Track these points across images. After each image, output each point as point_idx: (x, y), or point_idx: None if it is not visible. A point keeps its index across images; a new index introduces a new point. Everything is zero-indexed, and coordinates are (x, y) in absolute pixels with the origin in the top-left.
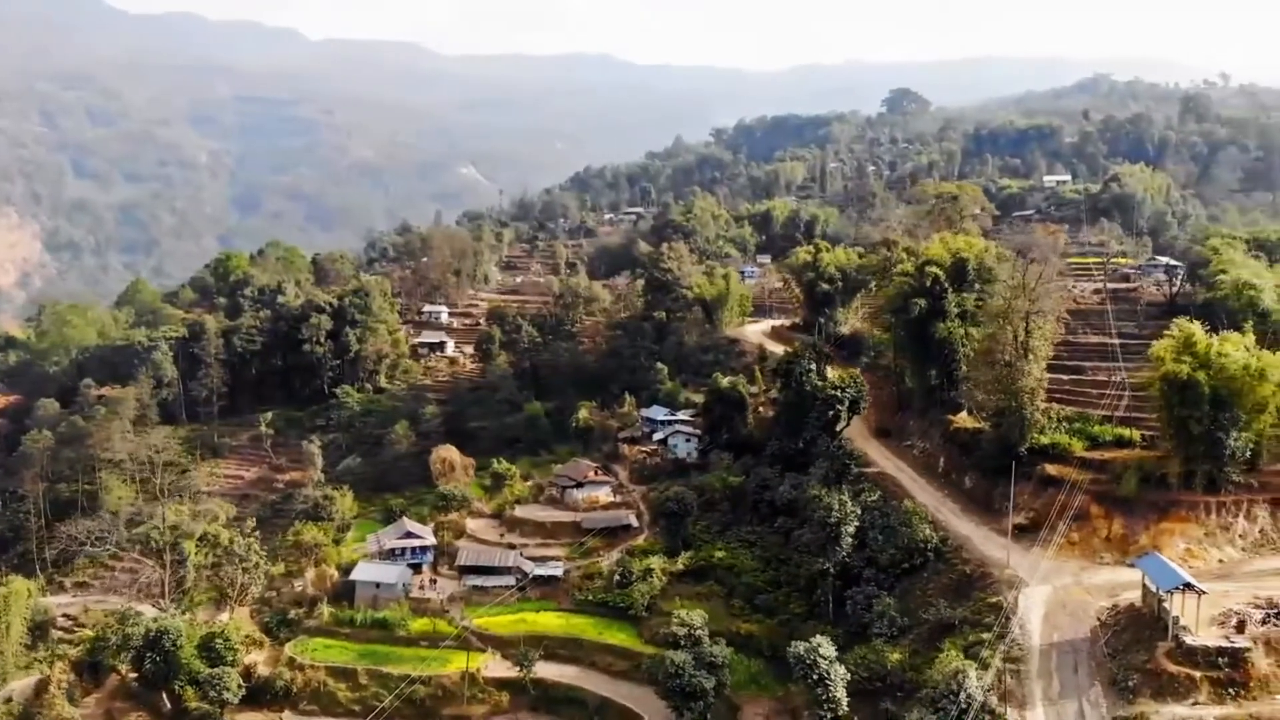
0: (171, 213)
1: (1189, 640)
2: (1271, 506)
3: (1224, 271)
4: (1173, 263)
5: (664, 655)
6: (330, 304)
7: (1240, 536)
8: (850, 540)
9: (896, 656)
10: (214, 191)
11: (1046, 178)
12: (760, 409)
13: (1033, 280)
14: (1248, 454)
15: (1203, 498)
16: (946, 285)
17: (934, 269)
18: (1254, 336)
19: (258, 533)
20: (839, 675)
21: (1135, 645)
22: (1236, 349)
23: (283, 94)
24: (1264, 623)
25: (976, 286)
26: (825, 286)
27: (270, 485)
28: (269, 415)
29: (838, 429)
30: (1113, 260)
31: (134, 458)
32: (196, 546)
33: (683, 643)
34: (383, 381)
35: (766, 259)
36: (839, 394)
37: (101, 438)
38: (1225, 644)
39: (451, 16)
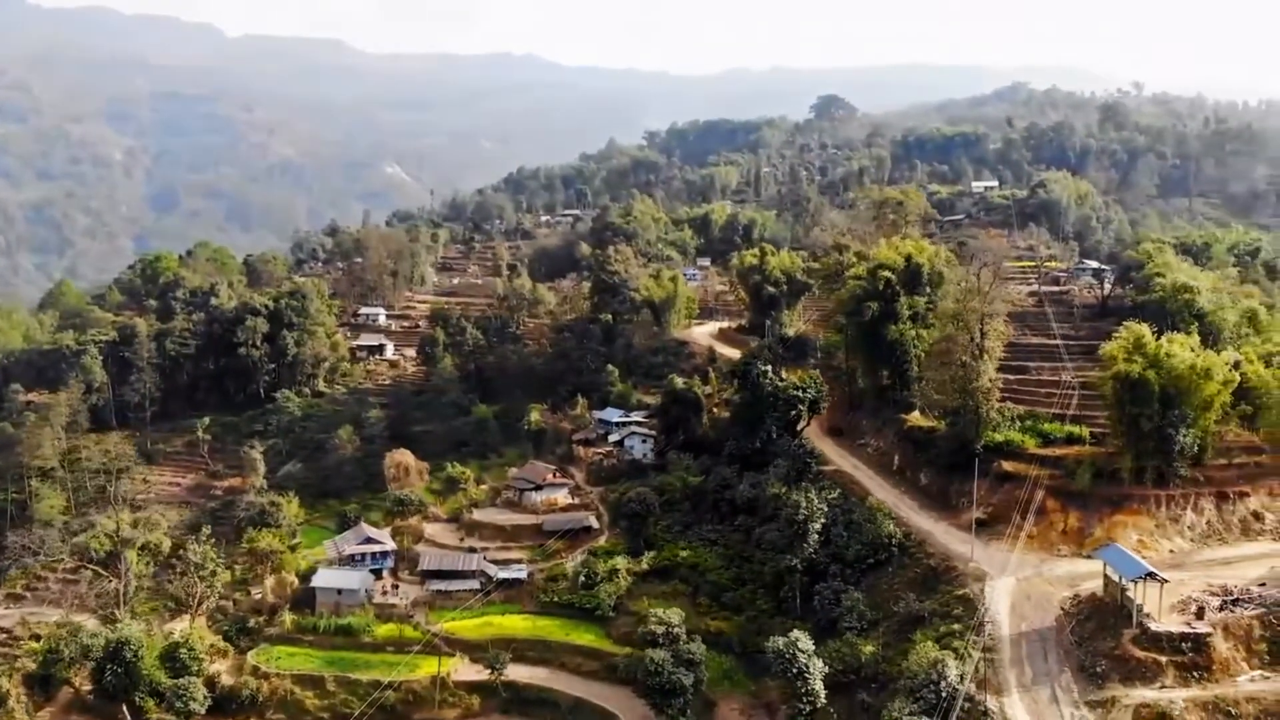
0: (85, 212)
1: (1153, 627)
2: (1217, 499)
3: (1160, 275)
4: (1100, 266)
5: (644, 653)
6: (266, 306)
7: (1189, 528)
8: (817, 537)
9: (870, 649)
10: (130, 190)
11: (975, 183)
12: (715, 410)
13: (986, 283)
14: (1194, 449)
15: (1153, 491)
16: (899, 288)
17: (886, 273)
18: (1198, 337)
19: (212, 540)
20: (817, 668)
21: (1100, 633)
22: (1184, 349)
23: (201, 90)
24: (1221, 609)
25: (927, 289)
26: (771, 289)
27: (209, 492)
28: (206, 421)
29: (799, 428)
30: (1045, 264)
31: (66, 464)
32: (138, 555)
33: (661, 641)
34: (321, 385)
35: (706, 262)
36: (801, 394)
37: (31, 444)
38: (1187, 630)
39: (374, 13)
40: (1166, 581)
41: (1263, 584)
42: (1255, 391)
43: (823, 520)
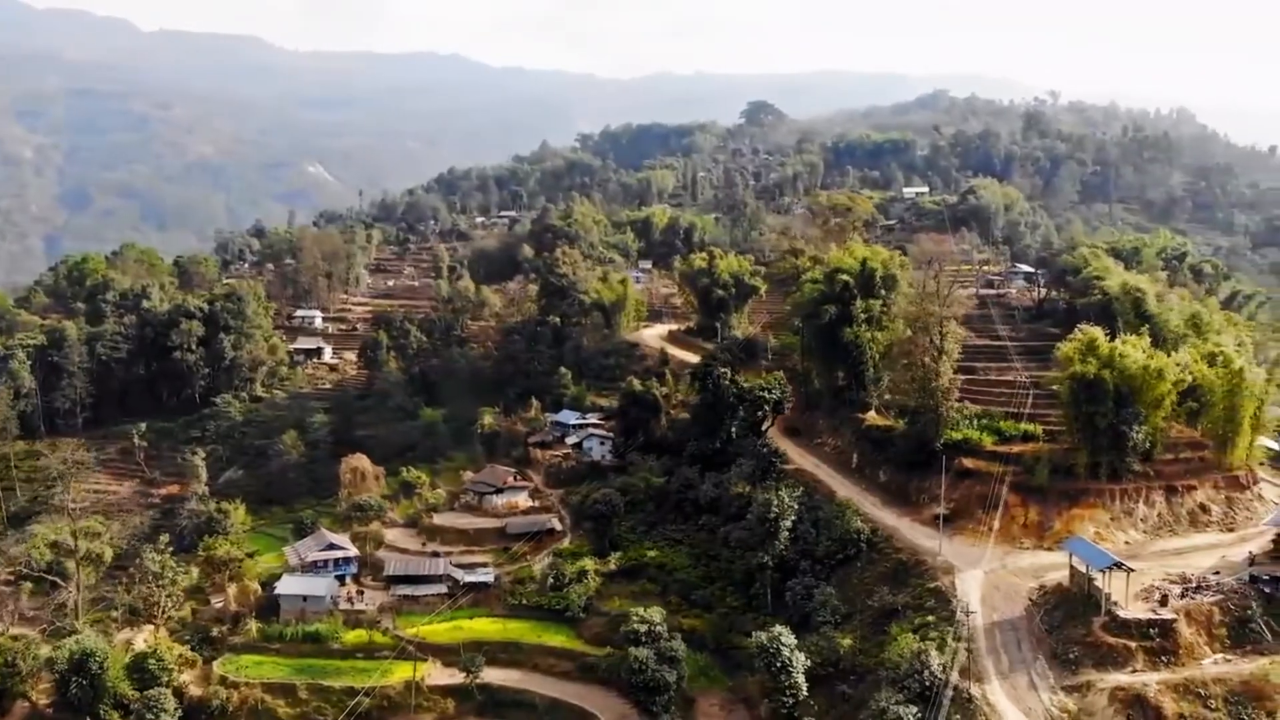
0: None
1: (1122, 614)
2: (1166, 493)
3: (1099, 278)
4: (1031, 270)
5: (627, 651)
6: (201, 309)
7: (1142, 520)
8: (787, 534)
9: (848, 642)
10: (40, 189)
11: (906, 189)
12: (673, 411)
13: (945, 287)
14: (1146, 446)
15: (1107, 486)
16: (855, 292)
17: (844, 276)
18: (1149, 339)
19: (171, 548)
20: (800, 662)
21: (1070, 621)
22: (1136, 351)
23: (115, 87)
24: (1183, 596)
25: (881, 293)
26: (720, 292)
27: (146, 500)
28: (143, 427)
29: (763, 429)
30: (981, 267)
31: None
32: (79, 565)
33: (643, 639)
34: (259, 390)
35: (648, 264)
36: (766, 395)
37: None
38: (1154, 616)
39: (292, 9)
40: (1133, 571)
41: (1217, 572)
42: (1200, 390)
43: (793, 518)
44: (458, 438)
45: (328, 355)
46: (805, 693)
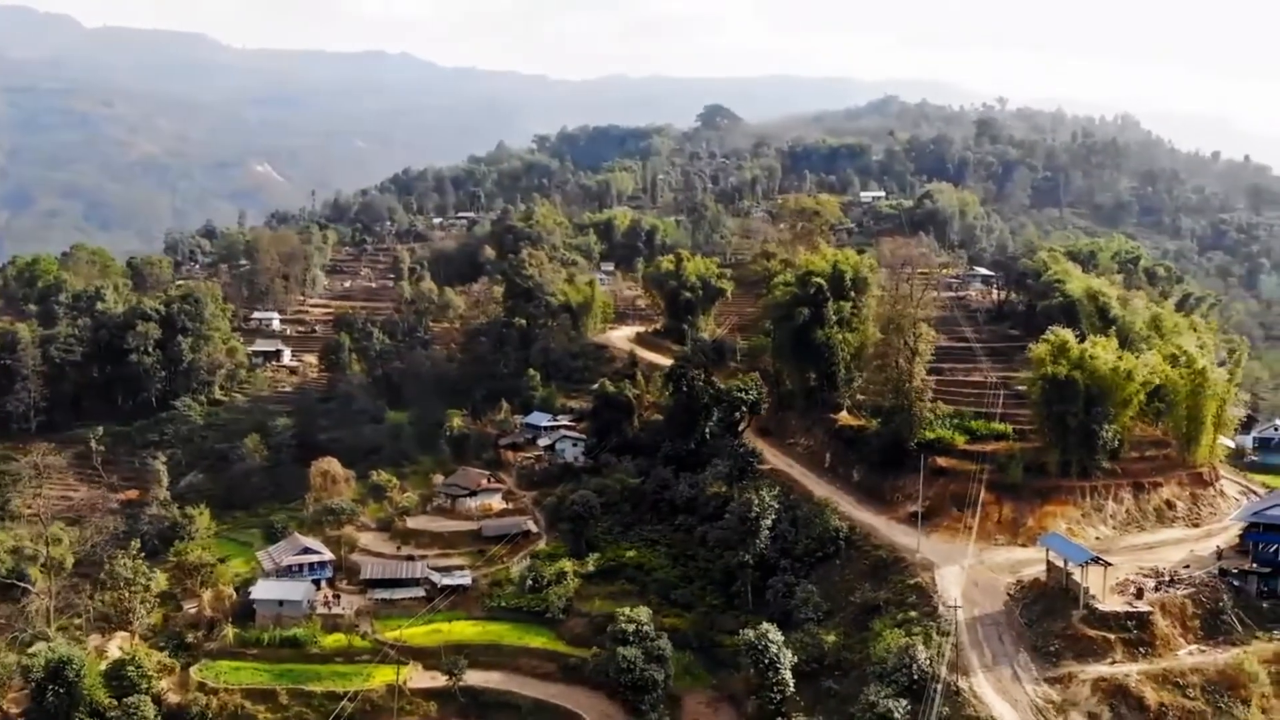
0: None
1: (1100, 607)
2: (1134, 490)
3: (1060, 281)
4: (988, 273)
5: (615, 651)
6: (158, 311)
7: (1111, 516)
8: (768, 533)
9: (832, 638)
10: None
11: (863, 194)
12: (644, 412)
13: (919, 290)
14: (1115, 444)
15: (1078, 483)
16: (827, 294)
17: (817, 279)
18: (1115, 341)
19: (142, 554)
20: (787, 658)
21: (1049, 615)
22: (1106, 352)
23: (57, 85)
24: (1157, 590)
25: (851, 295)
26: (688, 295)
27: (105, 506)
28: (100, 431)
29: (740, 429)
30: (941, 270)
31: None
32: (40, 572)
33: (631, 639)
34: (217, 393)
35: (611, 266)
36: (743, 396)
37: None
38: (1131, 609)
39: (240, 6)
40: (1111, 565)
41: (1187, 566)
42: (1165, 390)
43: (772, 517)
44: (423, 441)
45: (287, 358)
46: (792, 689)
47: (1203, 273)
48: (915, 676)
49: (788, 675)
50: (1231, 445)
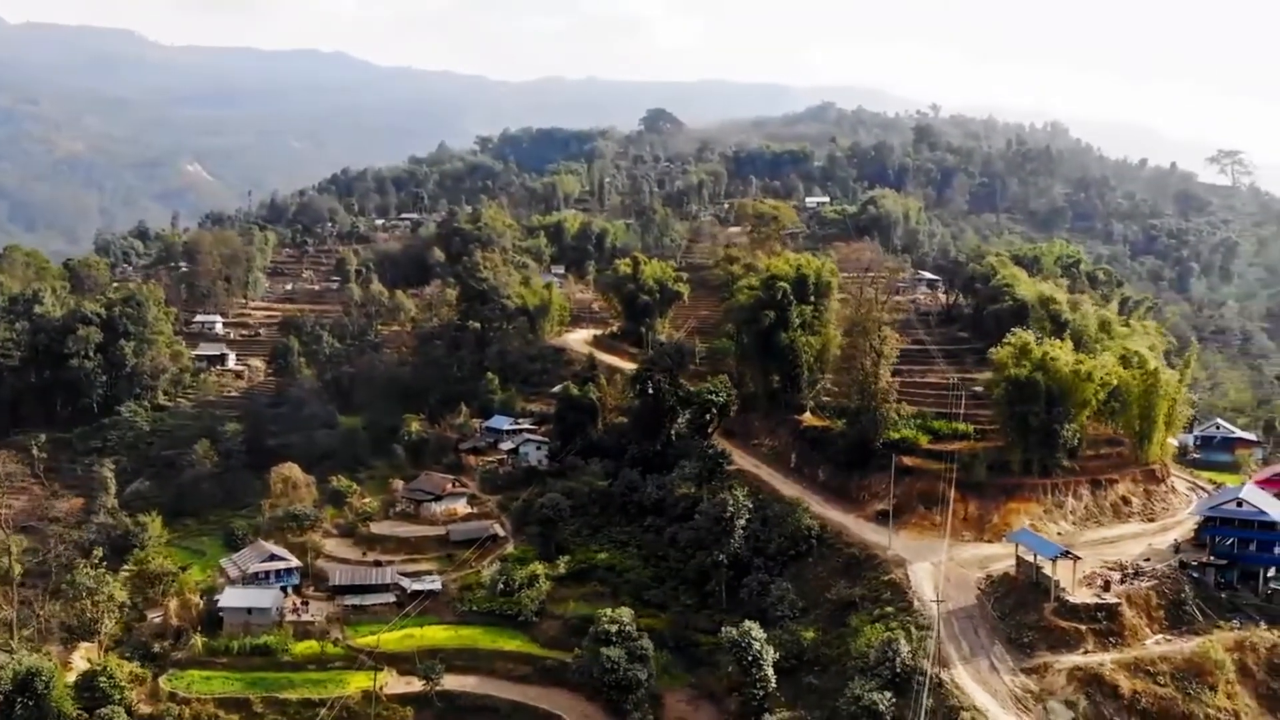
0: None
1: (1071, 600)
2: (1092, 486)
3: (1010, 285)
4: (932, 277)
5: (598, 651)
6: (99, 314)
7: (1071, 512)
8: (741, 532)
9: (810, 635)
10: None
11: (808, 199)
12: (607, 415)
13: (884, 294)
14: (1074, 443)
15: (1039, 481)
16: (791, 298)
17: (781, 283)
18: (1071, 343)
19: (105, 563)
20: (770, 655)
21: (1021, 608)
22: (1065, 354)
23: None
24: (1123, 582)
25: (813, 299)
26: (645, 298)
27: (47, 515)
28: (42, 438)
29: (709, 431)
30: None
31: None
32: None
33: (614, 640)
34: (161, 398)
35: (561, 269)
36: (714, 398)
37: None
38: (1100, 601)
39: (169, 3)
40: (1080, 559)
41: (1147, 559)
42: (1119, 390)
43: (746, 516)
44: (378, 445)
45: (232, 362)
46: (774, 685)
47: (1136, 277)
48: (898, 670)
49: (770, 672)
50: (1175, 443)
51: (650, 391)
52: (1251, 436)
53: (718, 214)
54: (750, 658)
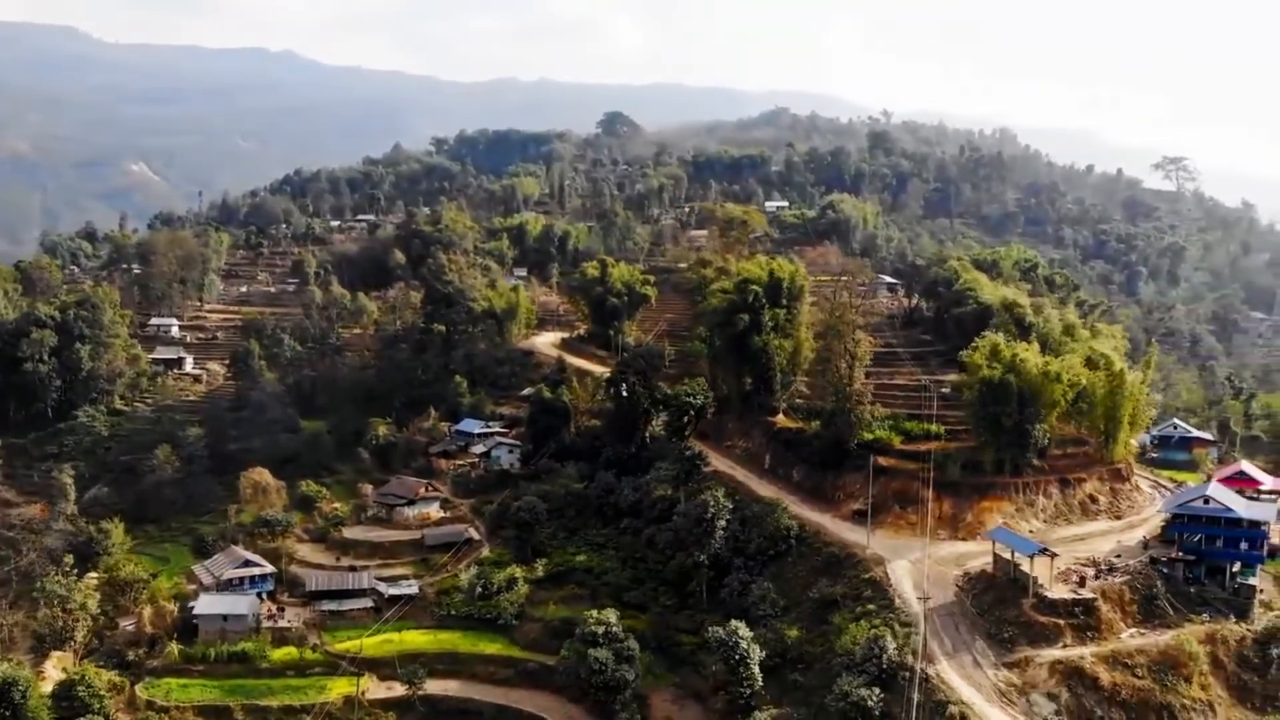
0: None
1: (1049, 595)
2: (1061, 485)
3: (973, 290)
4: (892, 280)
5: (586, 652)
6: (54, 317)
7: (1041, 511)
8: (722, 533)
9: (794, 633)
10: None
11: (768, 203)
12: (579, 418)
13: (858, 299)
14: (1044, 443)
15: (1011, 480)
16: (764, 302)
17: (754, 287)
18: (1038, 346)
19: (75, 571)
20: (757, 653)
21: (1000, 604)
22: (1034, 356)
23: None
24: (1097, 577)
25: (785, 303)
26: (614, 301)
27: (5, 522)
28: None
29: (686, 433)
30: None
31: None
32: None
33: (601, 641)
34: (118, 403)
35: (523, 272)
36: (692, 400)
37: None
38: (1076, 596)
39: None
40: (1057, 556)
41: (1118, 555)
42: (1084, 391)
43: (726, 517)
44: (342, 449)
45: (189, 365)
46: (760, 683)
47: (1086, 281)
48: (885, 666)
49: (757, 670)
50: (1135, 443)
51: (625, 394)
52: (1208, 436)
53: (679, 218)
54: (738, 656)
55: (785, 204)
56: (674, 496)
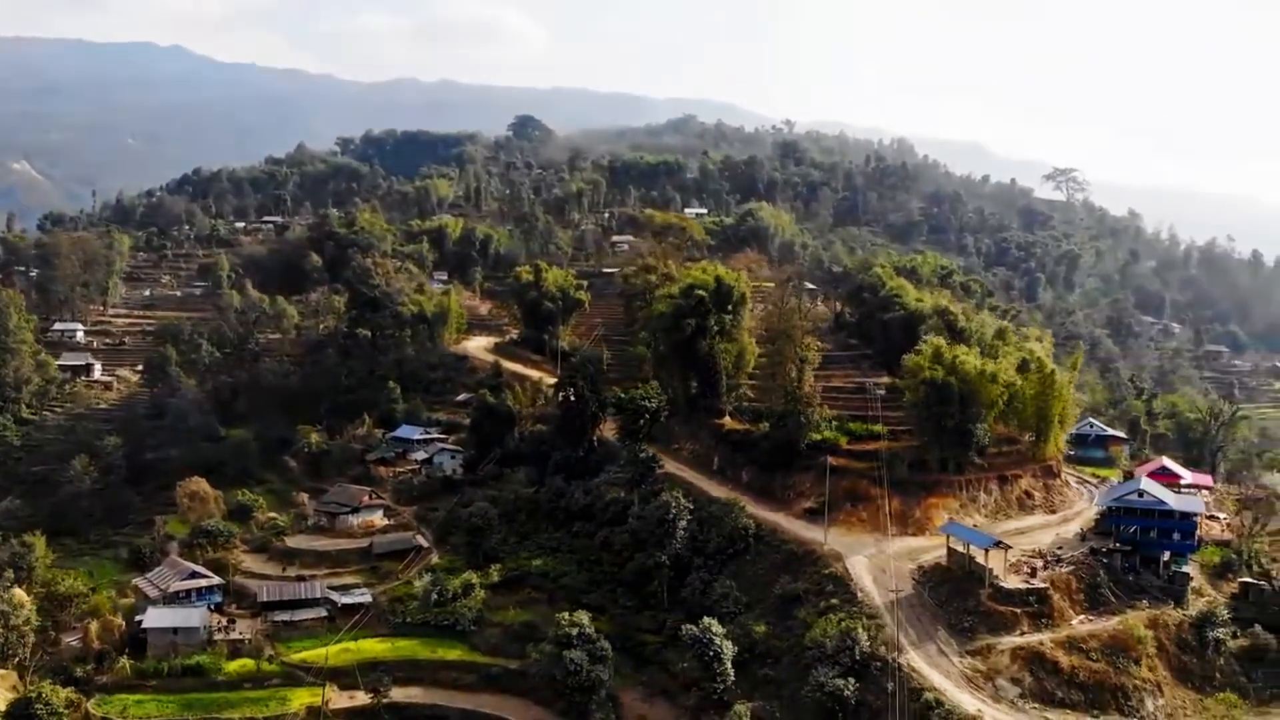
0: None
1: (1005, 586)
2: (999, 482)
3: (899, 295)
4: (811, 287)
5: (560, 654)
6: None
7: (983, 506)
8: (683, 533)
9: (761, 629)
10: None
11: (686, 210)
12: (523, 423)
13: (806, 304)
14: (984, 442)
15: (954, 478)
16: (710, 307)
17: (700, 292)
18: (977, 349)
19: (16, 585)
20: (730, 650)
21: (958, 595)
22: (971, 358)
23: None
24: (1045, 568)
25: (730, 308)
26: (549, 305)
27: None
28: None
29: (640, 436)
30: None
31: None
32: None
33: (575, 642)
34: (25, 412)
35: (444, 275)
36: (645, 404)
37: None
38: (1029, 586)
39: None
40: (1011, 548)
41: (1060, 547)
42: (1017, 391)
43: (687, 517)
44: (267, 457)
45: (98, 372)
46: (732, 679)
47: (990, 287)
48: (857, 657)
49: (730, 666)
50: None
51: (574, 398)
52: (1121, 434)
53: (601, 223)
54: (712, 653)
55: (704, 211)
56: (628, 499)
